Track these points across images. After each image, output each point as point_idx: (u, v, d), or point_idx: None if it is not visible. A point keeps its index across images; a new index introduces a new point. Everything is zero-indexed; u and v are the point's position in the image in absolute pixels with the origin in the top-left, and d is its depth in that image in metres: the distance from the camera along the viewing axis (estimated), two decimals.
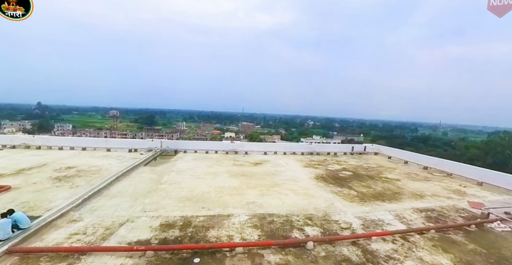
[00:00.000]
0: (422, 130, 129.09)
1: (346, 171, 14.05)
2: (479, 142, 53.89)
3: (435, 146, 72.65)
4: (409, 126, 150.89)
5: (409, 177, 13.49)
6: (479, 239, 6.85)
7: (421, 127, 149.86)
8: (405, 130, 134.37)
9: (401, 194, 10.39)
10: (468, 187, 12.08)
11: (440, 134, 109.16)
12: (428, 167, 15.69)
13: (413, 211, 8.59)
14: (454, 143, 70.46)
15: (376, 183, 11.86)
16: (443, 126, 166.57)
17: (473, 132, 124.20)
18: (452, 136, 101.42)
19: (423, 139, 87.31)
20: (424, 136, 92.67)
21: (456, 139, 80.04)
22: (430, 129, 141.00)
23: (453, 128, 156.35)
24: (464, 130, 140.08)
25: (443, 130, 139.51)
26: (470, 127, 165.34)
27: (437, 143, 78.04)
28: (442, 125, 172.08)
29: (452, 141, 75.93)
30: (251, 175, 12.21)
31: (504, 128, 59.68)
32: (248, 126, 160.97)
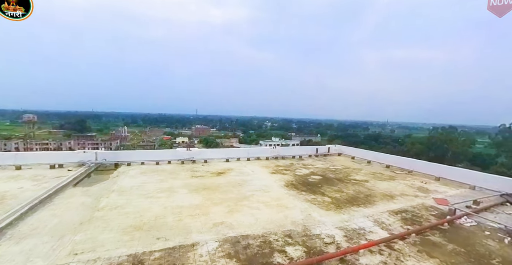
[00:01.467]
0: (373, 129, 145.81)
1: (315, 176, 14.16)
2: (422, 138, 62.98)
3: (385, 143, 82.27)
4: (361, 125, 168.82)
5: (375, 177, 14.33)
6: (455, 238, 7.31)
7: (371, 126, 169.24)
8: (358, 129, 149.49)
9: (373, 196, 10.79)
10: (428, 183, 13.40)
11: (388, 132, 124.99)
12: (390, 166, 17.08)
13: (389, 214, 8.87)
14: (401, 140, 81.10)
15: (347, 187, 12.14)
16: (390, 124, 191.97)
17: (415, 128, 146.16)
18: (399, 133, 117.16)
19: (374, 137, 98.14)
20: (375, 134, 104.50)
21: (402, 136, 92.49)
22: (380, 127, 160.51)
23: (399, 125, 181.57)
24: (408, 127, 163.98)
25: (390, 128, 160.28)
26: (412, 124, 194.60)
27: (387, 140, 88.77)
28: (389, 123, 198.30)
29: (399, 138, 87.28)
30: (214, 187, 11.15)
31: (441, 125, 71.33)
32: (202, 129, 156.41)
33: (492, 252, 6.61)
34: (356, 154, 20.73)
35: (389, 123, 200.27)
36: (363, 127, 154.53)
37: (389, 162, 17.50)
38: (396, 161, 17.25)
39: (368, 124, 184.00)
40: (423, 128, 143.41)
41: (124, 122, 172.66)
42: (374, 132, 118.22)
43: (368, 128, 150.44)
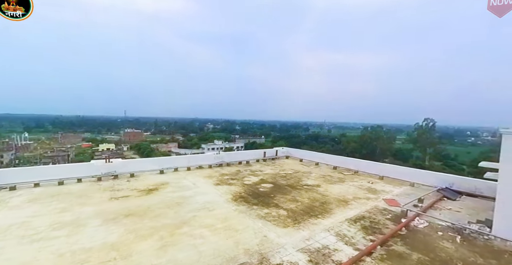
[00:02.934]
0: (312, 129, 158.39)
1: (266, 184, 13.21)
2: (356, 136, 70.65)
3: (324, 143, 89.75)
4: (302, 126, 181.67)
5: (326, 180, 14.28)
6: (416, 244, 7.19)
7: (311, 126, 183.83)
8: (299, 130, 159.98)
9: (328, 204, 10.36)
10: (374, 183, 14.00)
11: (326, 132, 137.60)
12: (337, 167, 17.55)
13: (349, 224, 8.42)
14: (338, 139, 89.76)
15: (300, 194, 11.52)
16: (327, 124, 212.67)
17: (348, 128, 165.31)
18: (335, 132, 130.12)
19: (314, 137, 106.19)
20: (315, 134, 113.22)
21: (338, 135, 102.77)
22: (318, 127, 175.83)
23: (334, 125, 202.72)
24: (342, 127, 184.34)
25: (327, 127, 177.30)
26: (346, 124, 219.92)
27: (325, 139, 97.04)
28: (326, 124, 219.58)
29: (336, 137, 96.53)
30: (142, 212, 8.89)
31: (370, 124, 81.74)
32: (134, 133, 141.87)
33: (452, 256, 6.63)
34: (304, 156, 20.88)
35: (326, 123, 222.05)
36: (304, 127, 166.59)
37: (336, 163, 18.02)
38: (343, 162, 17.87)
39: (308, 124, 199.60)
40: (355, 127, 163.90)
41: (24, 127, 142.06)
42: (314, 132, 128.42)
43: (308, 128, 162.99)
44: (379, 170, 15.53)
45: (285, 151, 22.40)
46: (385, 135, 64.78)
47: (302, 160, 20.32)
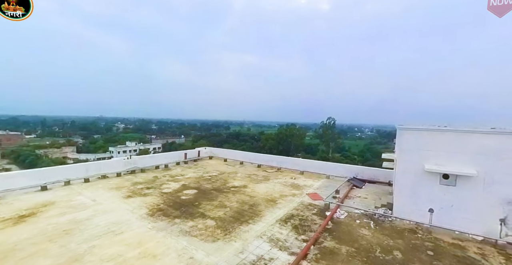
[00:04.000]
0: (233, 127, 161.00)
1: (189, 190, 11.72)
2: (273, 134, 75.36)
3: (245, 141, 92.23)
4: (223, 124, 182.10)
5: (252, 180, 13.91)
6: (342, 237, 7.41)
7: (232, 125, 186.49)
8: (220, 128, 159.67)
9: (257, 205, 9.87)
10: (296, 178, 14.54)
11: (246, 130, 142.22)
12: (261, 165, 17.58)
13: (280, 226, 8.08)
14: (257, 137, 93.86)
15: (228, 198, 10.65)
16: (247, 123, 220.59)
17: (266, 126, 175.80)
18: (254, 131, 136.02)
19: (235, 135, 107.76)
20: (236, 133, 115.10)
21: (257, 133, 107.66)
22: (238, 126, 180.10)
23: (253, 124, 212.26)
24: (261, 125, 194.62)
25: (247, 126, 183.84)
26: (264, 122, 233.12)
27: (246, 137, 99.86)
28: (246, 122, 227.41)
29: (255, 135, 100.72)
30: (3, 254, 6.04)
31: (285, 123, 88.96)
32: (8, 136, 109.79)
33: (372, 243, 7.10)
34: (228, 155, 20.14)
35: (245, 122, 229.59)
36: (225, 126, 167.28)
37: (259, 161, 18.03)
38: (266, 160, 18.04)
39: (229, 123, 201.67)
40: (271, 125, 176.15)
41: None
42: (234, 130, 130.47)
43: (229, 127, 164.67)
44: (300, 165, 16.35)
45: (208, 151, 21.13)
46: (297, 132, 71.87)
47: (226, 160, 19.53)
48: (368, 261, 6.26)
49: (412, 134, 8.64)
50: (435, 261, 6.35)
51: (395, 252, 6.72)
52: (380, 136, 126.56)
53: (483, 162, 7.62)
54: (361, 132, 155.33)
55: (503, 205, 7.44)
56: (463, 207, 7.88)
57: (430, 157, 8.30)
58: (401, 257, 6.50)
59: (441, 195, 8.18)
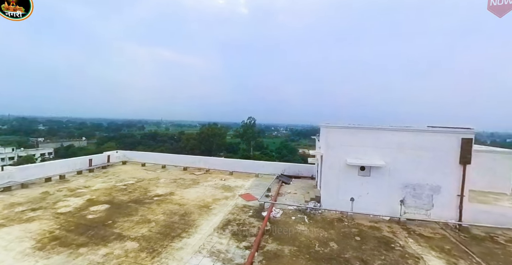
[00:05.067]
0: (149, 127, 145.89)
1: (98, 205, 9.36)
2: (194, 134, 72.30)
3: (163, 141, 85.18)
4: (136, 124, 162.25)
5: (179, 185, 12.45)
6: (282, 237, 7.25)
7: (147, 124, 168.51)
8: (133, 129, 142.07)
9: (190, 214, 8.73)
10: (226, 179, 13.91)
11: (164, 130, 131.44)
12: (187, 167, 16.09)
13: (219, 235, 7.26)
14: (177, 137, 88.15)
15: (152, 210, 9.03)
16: (165, 122, 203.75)
17: (186, 126, 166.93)
18: (173, 130, 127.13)
19: (151, 136, 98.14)
20: (152, 133, 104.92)
21: (177, 133, 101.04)
22: (155, 125, 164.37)
23: (172, 123, 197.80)
24: (180, 125, 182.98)
25: (165, 126, 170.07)
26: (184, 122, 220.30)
27: (164, 138, 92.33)
28: (164, 122, 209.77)
29: (174, 135, 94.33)
30: None
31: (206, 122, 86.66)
32: None
33: (309, 238, 7.21)
34: (146, 159, 17.59)
35: (163, 121, 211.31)
36: (138, 126, 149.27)
37: (185, 163, 16.49)
38: (193, 161, 16.66)
39: (143, 122, 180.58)
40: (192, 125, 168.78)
41: None
42: (150, 131, 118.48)
43: (144, 127, 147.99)
44: (228, 165, 15.79)
45: (121, 156, 17.94)
46: (219, 131, 71.38)
47: (145, 164, 16.99)
48: (311, 257, 6.27)
49: (337, 131, 9.41)
50: (363, 246, 6.96)
51: (331, 243, 7.03)
52: (293, 134, 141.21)
53: (389, 154, 8.97)
54: (277, 130, 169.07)
55: (402, 188, 8.96)
56: (375, 194, 9.09)
57: (351, 152, 9.22)
58: (336, 247, 6.83)
59: (359, 184, 9.20)
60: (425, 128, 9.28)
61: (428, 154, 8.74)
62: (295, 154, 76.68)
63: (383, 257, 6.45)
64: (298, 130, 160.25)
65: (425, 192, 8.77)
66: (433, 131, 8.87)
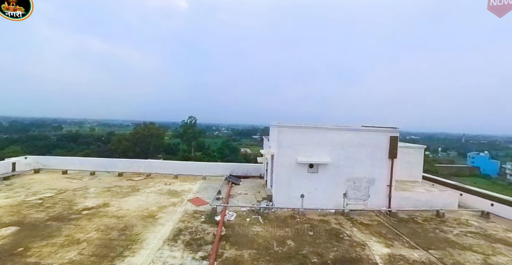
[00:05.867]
0: (68, 128, 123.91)
1: (0, 229, 7.21)
2: (127, 134, 64.97)
3: (88, 143, 73.93)
4: (51, 123, 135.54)
5: (114, 194, 10.73)
6: (240, 241, 6.90)
7: (65, 124, 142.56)
8: (46, 129, 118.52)
9: (131, 227, 7.52)
10: (171, 183, 12.73)
11: (88, 130, 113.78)
12: (123, 173, 14.08)
13: (170, 247, 6.44)
14: (105, 138, 77.60)
15: (81, 227, 7.44)
16: (89, 122, 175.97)
17: (116, 125, 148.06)
18: (100, 131, 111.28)
19: (72, 137, 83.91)
20: (73, 134, 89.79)
21: (105, 133, 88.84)
22: (77, 125, 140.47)
23: (99, 123, 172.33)
24: (109, 124, 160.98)
25: (90, 125, 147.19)
26: (112, 121, 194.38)
27: (89, 140, 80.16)
28: (88, 121, 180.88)
29: (103, 136, 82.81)
30: None
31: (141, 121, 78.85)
32: None
33: (267, 239, 7.08)
34: (68, 165, 14.68)
35: (87, 120, 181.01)
36: (54, 126, 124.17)
37: (120, 168, 14.41)
38: (129, 166, 14.70)
39: (61, 121, 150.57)
40: (123, 125, 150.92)
41: None
42: (70, 131, 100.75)
43: (61, 126, 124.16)
44: (172, 168, 14.53)
45: (32, 162, 14.52)
46: (157, 131, 66.02)
47: (67, 171, 14.14)
48: (271, 258, 6.14)
49: (288, 131, 9.60)
50: (317, 240, 7.22)
51: (288, 241, 7.07)
52: (235, 134, 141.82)
53: (333, 151, 9.65)
54: (219, 130, 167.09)
55: (344, 182, 9.77)
56: (323, 189, 9.65)
57: (301, 150, 9.55)
58: (294, 244, 6.89)
59: (308, 181, 9.62)
60: (361, 127, 10.36)
61: (365, 150, 9.77)
62: (237, 153, 77.22)
63: (335, 248, 6.81)
64: (240, 129, 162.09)
65: (363, 185, 9.77)
66: (369, 130, 9.96)
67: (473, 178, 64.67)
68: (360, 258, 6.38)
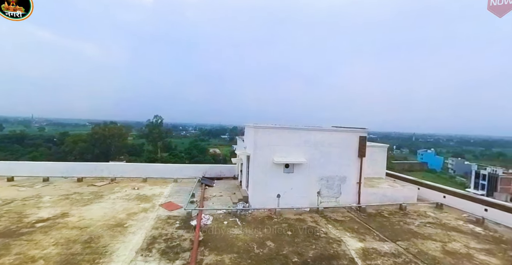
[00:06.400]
0: (11, 127, 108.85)
1: None
2: (84, 135, 59.47)
3: (37, 145, 66.03)
4: None
5: (74, 202, 9.66)
6: (219, 245, 6.67)
7: (7, 123, 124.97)
8: None
9: (97, 239, 6.81)
10: (140, 187, 11.91)
11: (37, 130, 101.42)
12: (82, 178, 12.76)
13: (144, 258, 5.96)
14: (58, 139, 70.07)
15: (36, 242, 6.53)
16: (38, 121, 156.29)
17: (71, 125, 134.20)
18: (51, 131, 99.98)
19: (17, 138, 74.14)
20: (17, 134, 79.27)
21: (57, 134, 79.97)
22: (22, 124, 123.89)
23: (49, 122, 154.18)
24: (61, 123, 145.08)
25: (38, 125, 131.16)
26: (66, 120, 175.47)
27: (38, 141, 71.62)
28: (36, 120, 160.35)
29: (54, 137, 74.59)
30: None
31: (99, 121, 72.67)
32: None
33: (246, 241, 6.96)
34: (14, 171, 12.84)
35: (35, 119, 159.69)
36: None
37: (79, 172, 13.05)
38: (91, 169, 13.40)
39: (1, 120, 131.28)
40: (79, 124, 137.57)
41: None
42: (13, 131, 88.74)
43: (2, 126, 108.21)
44: (140, 171, 13.60)
45: None
46: (119, 131, 61.54)
47: (13, 178, 12.36)
48: (253, 261, 6.05)
49: (265, 132, 9.58)
50: (295, 239, 7.31)
51: (268, 242, 7.04)
52: (203, 134, 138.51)
53: (308, 151, 9.88)
54: (186, 130, 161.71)
55: (318, 181, 10.07)
56: (298, 188, 9.82)
57: (277, 151, 9.60)
58: (273, 245, 6.88)
59: (284, 181, 9.71)
60: (333, 128, 10.79)
61: (337, 150, 10.18)
62: (206, 154, 75.58)
63: (313, 246, 6.96)
64: (208, 129, 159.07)
65: (335, 183, 10.18)
66: (341, 130, 10.41)
67: (422, 173, 72.21)
68: (337, 254, 6.60)
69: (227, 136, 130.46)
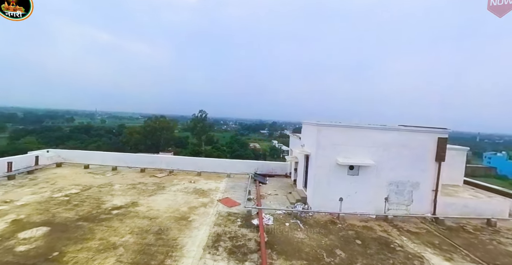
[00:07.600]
0: (80, 119, 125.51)
1: (31, 229, 6.82)
2: (138, 127, 65.17)
3: (100, 136, 74.62)
4: (63, 115, 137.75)
5: (141, 192, 10.31)
6: (285, 249, 6.33)
7: (77, 116, 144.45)
8: (59, 120, 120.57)
9: (167, 231, 7.03)
10: (196, 181, 12.27)
11: (99, 122, 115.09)
12: (145, 169, 13.69)
13: (212, 256, 5.93)
14: (116, 131, 78.21)
15: (114, 229, 7.00)
16: (100, 114, 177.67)
17: (126, 118, 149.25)
18: (111, 123, 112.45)
19: (84, 129, 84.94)
20: (85, 126, 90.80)
21: (116, 126, 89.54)
22: (88, 117, 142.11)
23: (110, 115, 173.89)
24: (118, 116, 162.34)
25: (100, 117, 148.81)
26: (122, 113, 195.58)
27: (101, 132, 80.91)
28: (99, 113, 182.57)
29: (113, 129, 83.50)
30: None
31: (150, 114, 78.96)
32: None
33: (314, 247, 6.49)
34: (90, 159, 14.37)
35: (98, 112, 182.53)
36: (67, 117, 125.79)
37: (142, 163, 14.03)
38: (152, 161, 14.31)
39: (72, 113, 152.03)
40: (133, 117, 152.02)
41: None
42: (81, 123, 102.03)
43: (73, 118, 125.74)
44: (195, 165, 14.06)
45: (54, 156, 14.27)
46: (168, 124, 66.03)
47: (89, 166, 13.84)
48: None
49: (328, 130, 8.90)
50: (367, 250, 6.61)
51: (337, 251, 6.47)
52: (242, 128, 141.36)
53: (375, 153, 8.91)
54: (227, 124, 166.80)
55: (387, 186, 9.05)
56: (363, 193, 8.96)
57: (341, 151, 8.85)
58: (344, 255, 6.29)
59: (348, 184, 8.94)
60: (403, 127, 9.55)
61: (410, 152, 8.99)
62: (246, 148, 76.81)
63: (391, 261, 6.18)
64: (247, 124, 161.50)
65: (407, 189, 9.04)
66: (415, 130, 9.16)
67: (489, 179, 62.70)
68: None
69: (267, 131, 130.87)
